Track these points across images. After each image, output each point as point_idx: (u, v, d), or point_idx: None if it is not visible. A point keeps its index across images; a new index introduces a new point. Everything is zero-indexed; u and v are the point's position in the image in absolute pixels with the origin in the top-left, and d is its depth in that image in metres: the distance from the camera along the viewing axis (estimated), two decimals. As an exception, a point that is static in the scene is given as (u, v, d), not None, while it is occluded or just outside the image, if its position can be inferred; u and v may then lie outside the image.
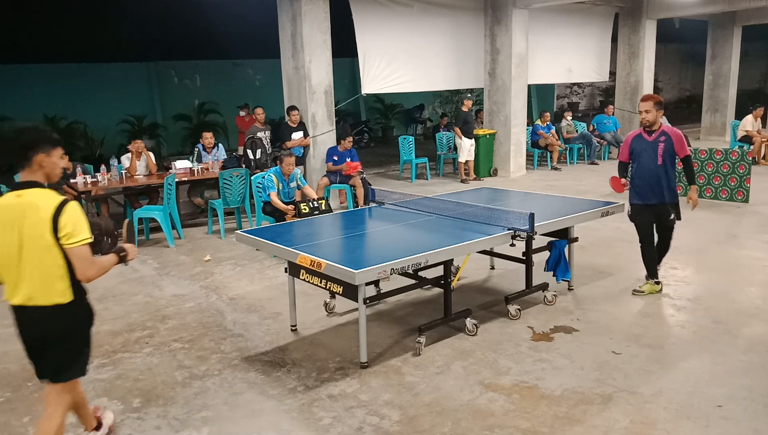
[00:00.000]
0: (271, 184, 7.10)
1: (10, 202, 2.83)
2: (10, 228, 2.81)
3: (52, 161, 2.89)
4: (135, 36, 15.05)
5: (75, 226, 2.81)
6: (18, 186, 2.85)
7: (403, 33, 11.05)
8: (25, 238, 2.80)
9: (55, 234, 2.79)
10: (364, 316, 4.18)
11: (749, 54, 20.32)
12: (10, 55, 14.11)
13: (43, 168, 2.87)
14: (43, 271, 2.84)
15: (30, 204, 2.80)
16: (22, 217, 2.80)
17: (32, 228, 2.79)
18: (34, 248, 2.81)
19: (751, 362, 4.19)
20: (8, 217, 2.82)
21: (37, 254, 2.82)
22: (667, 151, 5.24)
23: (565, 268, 5.41)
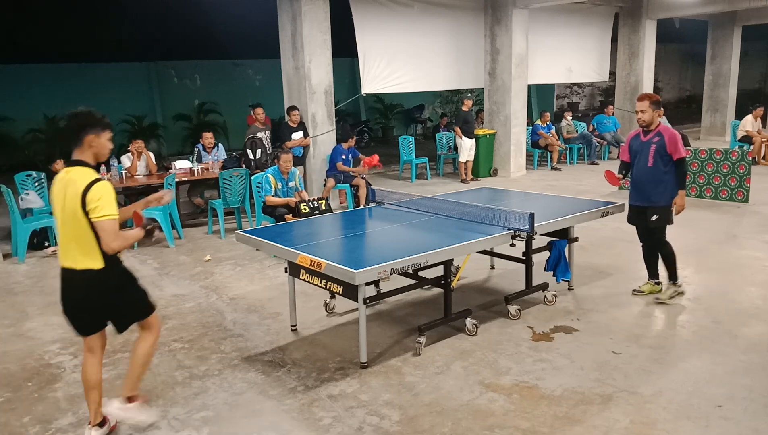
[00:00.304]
0: (267, 187, 7.08)
1: (62, 177, 3.25)
2: (58, 199, 3.25)
3: (101, 142, 3.28)
4: (135, 36, 15.06)
5: (100, 202, 3.12)
6: (69, 163, 3.27)
7: (403, 33, 11.05)
8: (66, 210, 3.21)
9: (83, 208, 3.13)
10: (364, 316, 4.18)
11: (749, 54, 20.32)
12: (10, 55, 14.11)
13: (92, 147, 3.26)
14: (77, 240, 3.22)
15: (71, 180, 3.19)
16: (65, 191, 3.20)
17: (70, 201, 3.18)
18: (70, 219, 3.20)
19: (751, 362, 4.19)
20: (59, 190, 3.25)
21: (72, 224, 3.20)
22: (658, 153, 5.10)
23: (565, 268, 5.41)
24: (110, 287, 3.36)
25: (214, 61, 17.59)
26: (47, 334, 5.07)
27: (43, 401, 3.99)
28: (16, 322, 5.38)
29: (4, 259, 7.33)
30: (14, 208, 7.30)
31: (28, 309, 5.70)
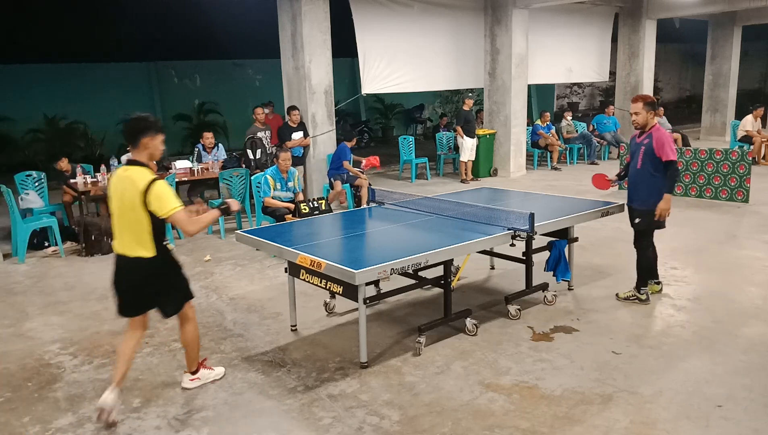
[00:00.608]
0: (266, 188, 7.08)
1: (120, 174, 3.66)
2: (116, 195, 3.64)
3: (155, 144, 3.68)
4: (135, 36, 15.06)
5: (161, 201, 3.52)
6: (127, 163, 3.68)
7: (403, 33, 11.05)
8: (124, 204, 3.59)
9: (144, 205, 3.51)
10: (364, 316, 4.18)
11: (749, 54, 20.32)
12: (10, 55, 14.11)
13: (147, 149, 3.65)
14: (132, 231, 3.60)
15: (129, 178, 3.56)
16: (123, 188, 3.59)
17: (128, 198, 3.56)
18: (127, 212, 3.58)
19: (751, 362, 4.19)
20: (118, 186, 3.64)
21: (129, 217, 3.58)
22: (647, 154, 5.06)
23: (565, 268, 5.41)
24: (158, 275, 3.70)
25: (214, 61, 17.59)
26: (47, 334, 5.07)
27: (43, 401, 3.99)
28: (16, 322, 5.37)
29: (4, 259, 7.33)
30: (14, 208, 7.30)
31: (28, 309, 5.69)
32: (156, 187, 3.51)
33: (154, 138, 3.68)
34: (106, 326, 5.19)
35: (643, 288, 5.28)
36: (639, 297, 5.27)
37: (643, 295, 5.27)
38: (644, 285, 5.29)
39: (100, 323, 5.27)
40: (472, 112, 11.90)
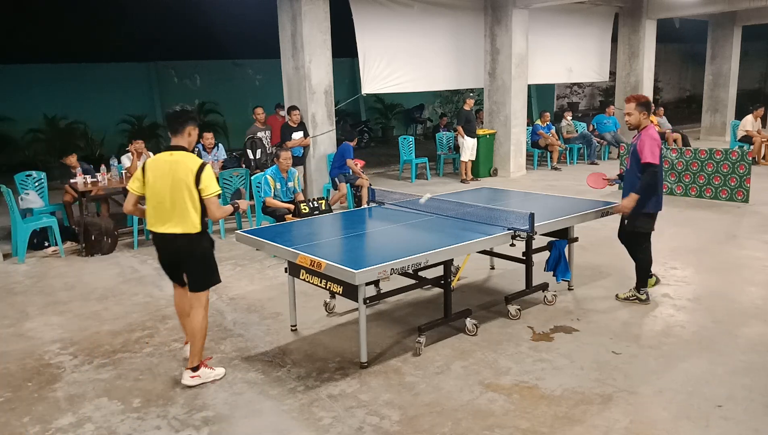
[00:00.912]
0: (267, 188, 7.07)
1: (166, 158, 3.98)
2: (165, 176, 3.93)
3: (195, 134, 4.11)
4: (135, 36, 15.06)
5: (210, 183, 3.93)
6: (170, 148, 4.02)
7: (403, 33, 11.04)
8: (174, 185, 3.90)
9: (196, 185, 3.89)
10: (364, 316, 4.18)
11: (749, 54, 20.32)
12: (10, 55, 14.10)
13: (190, 136, 4.06)
14: (183, 209, 3.92)
15: (179, 161, 3.93)
16: (173, 170, 3.91)
17: (181, 178, 3.89)
18: (178, 192, 3.91)
19: (751, 362, 4.19)
20: (164, 168, 3.94)
21: (180, 196, 3.91)
22: (633, 155, 5.06)
23: (565, 268, 5.41)
24: (200, 249, 4.07)
25: (214, 61, 17.58)
26: (47, 334, 5.07)
27: (43, 401, 3.99)
28: (16, 322, 5.38)
29: (4, 259, 7.33)
30: (14, 208, 7.31)
31: (28, 309, 5.69)
32: (207, 169, 3.95)
33: (195, 129, 4.11)
34: (106, 326, 5.19)
35: (642, 288, 5.28)
36: (639, 297, 5.27)
37: (643, 295, 5.27)
38: (644, 285, 5.29)
39: (100, 323, 5.28)
40: (473, 111, 11.90)
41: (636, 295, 5.29)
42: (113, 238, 7.60)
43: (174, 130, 4.04)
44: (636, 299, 5.28)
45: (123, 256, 7.38)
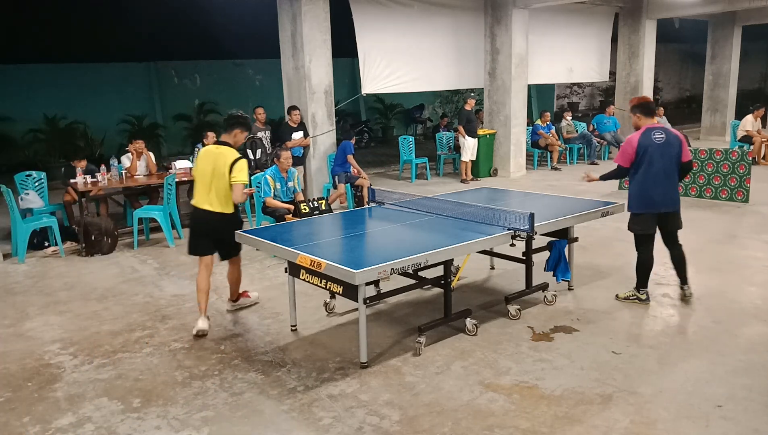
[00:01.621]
0: (267, 188, 7.07)
1: (212, 149, 4.97)
2: (209, 162, 4.88)
3: (240, 137, 5.04)
4: (135, 36, 15.04)
5: (239, 172, 4.81)
6: (218, 142, 5.03)
7: (403, 33, 11.05)
8: (215, 172, 4.83)
9: (230, 173, 4.79)
10: (364, 316, 4.18)
11: (749, 54, 20.31)
12: (11, 55, 14.10)
13: (235, 137, 5.00)
14: (221, 193, 4.86)
15: (222, 153, 4.88)
16: (216, 159, 4.86)
17: (220, 167, 4.82)
18: (218, 178, 4.83)
19: (751, 362, 4.19)
20: (210, 157, 4.91)
21: (219, 182, 4.84)
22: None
23: (565, 268, 5.41)
24: (232, 226, 4.96)
25: (214, 61, 17.57)
26: (47, 334, 5.07)
27: (43, 401, 3.99)
28: (16, 322, 5.37)
29: (4, 259, 7.33)
30: (14, 208, 7.30)
31: (28, 309, 5.69)
32: (240, 162, 4.83)
33: (242, 132, 5.04)
34: (106, 326, 5.19)
35: (642, 288, 5.28)
36: (639, 297, 5.28)
37: (643, 295, 5.27)
38: (644, 285, 5.29)
39: (100, 323, 5.28)
40: (473, 112, 11.90)
41: (636, 295, 5.30)
42: (113, 238, 7.60)
43: (225, 129, 5.01)
44: (636, 299, 5.29)
45: (123, 256, 7.38)
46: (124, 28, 14.63)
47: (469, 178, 11.81)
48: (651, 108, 5.19)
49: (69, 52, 14.84)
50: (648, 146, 4.99)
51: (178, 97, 17.29)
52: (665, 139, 5.01)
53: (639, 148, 5.01)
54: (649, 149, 4.99)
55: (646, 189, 5.05)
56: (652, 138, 5.01)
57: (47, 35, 14.10)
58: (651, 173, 5.01)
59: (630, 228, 5.23)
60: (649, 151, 4.98)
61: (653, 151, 4.98)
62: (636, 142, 5.03)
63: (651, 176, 5.01)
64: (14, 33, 13.84)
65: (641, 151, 5.01)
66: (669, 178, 5.03)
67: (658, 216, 5.10)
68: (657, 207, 5.07)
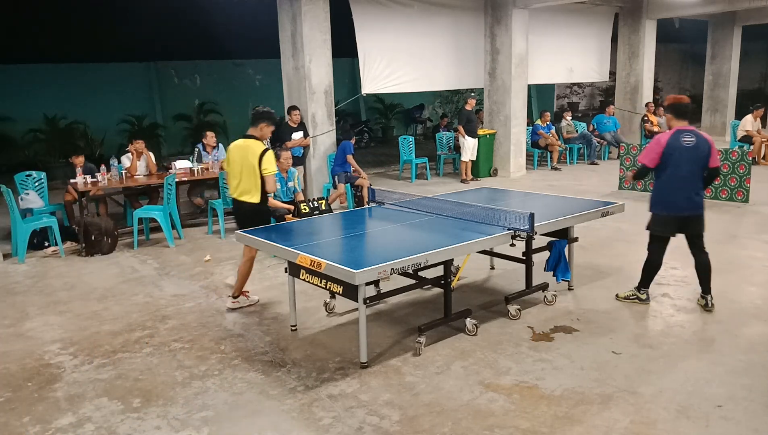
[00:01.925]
0: None
1: (240, 144, 5.32)
2: (239, 155, 5.27)
3: (266, 130, 5.35)
4: (135, 36, 15.03)
5: (269, 164, 5.19)
6: (245, 136, 5.32)
7: (403, 33, 11.04)
8: (244, 163, 5.22)
9: (259, 165, 5.16)
10: (364, 316, 4.18)
11: (749, 54, 20.31)
12: (11, 55, 14.09)
13: (261, 131, 5.32)
14: (248, 183, 5.26)
15: (249, 147, 5.23)
16: (244, 152, 5.24)
17: (248, 159, 5.19)
18: (247, 170, 5.22)
19: (751, 362, 4.19)
20: (239, 149, 5.29)
21: (248, 173, 5.22)
22: None
23: (565, 268, 5.41)
24: (259, 213, 5.35)
25: (214, 61, 17.57)
26: (47, 334, 5.07)
27: (43, 401, 3.99)
28: (16, 322, 5.38)
29: (4, 259, 7.33)
30: (14, 208, 7.30)
31: (28, 309, 5.70)
32: (268, 154, 5.19)
33: (268, 126, 5.34)
34: (106, 326, 5.19)
35: (643, 288, 5.27)
36: (639, 296, 5.27)
37: (644, 295, 5.26)
38: (645, 285, 5.27)
39: (100, 323, 5.28)
40: (474, 112, 11.90)
41: (636, 295, 5.29)
42: (113, 238, 7.60)
43: (252, 123, 5.31)
44: (636, 299, 5.28)
45: (123, 256, 7.38)
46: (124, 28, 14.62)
47: (469, 178, 11.81)
48: (683, 110, 5.01)
49: (69, 52, 14.83)
50: (676, 149, 4.86)
51: (178, 97, 17.29)
52: (694, 142, 4.85)
53: (666, 149, 4.88)
54: (676, 152, 4.86)
55: (670, 192, 4.95)
56: (680, 140, 4.86)
57: (47, 35, 14.10)
58: (676, 176, 4.89)
59: (648, 227, 5.16)
60: (676, 154, 4.86)
61: (681, 154, 4.85)
62: (664, 143, 4.89)
63: (676, 179, 4.90)
64: (14, 33, 13.83)
65: (669, 152, 4.87)
66: (694, 182, 4.91)
67: (679, 219, 5.00)
68: (679, 210, 4.96)
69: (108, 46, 15.07)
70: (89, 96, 15.65)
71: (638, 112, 14.62)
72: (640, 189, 10.14)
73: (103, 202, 8.65)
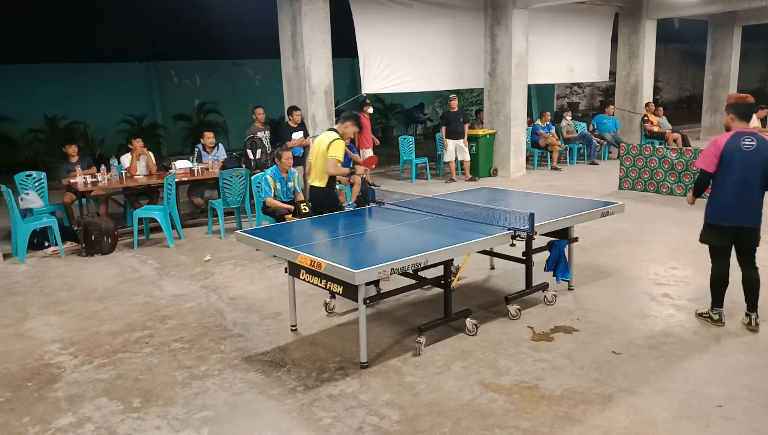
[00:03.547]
0: (267, 188, 7.07)
1: (320, 136, 6.04)
2: (316, 145, 6.01)
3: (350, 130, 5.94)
4: (135, 36, 15.03)
5: (335, 150, 5.73)
6: (329, 129, 6.04)
7: (403, 33, 11.04)
8: (318, 151, 5.90)
9: (327, 151, 5.73)
10: (364, 316, 4.18)
11: (749, 54, 20.31)
12: (11, 55, 14.10)
13: (345, 127, 5.90)
14: (319, 169, 5.91)
15: (325, 137, 5.88)
16: (320, 141, 5.93)
17: (321, 147, 5.85)
18: (319, 156, 5.88)
19: (751, 362, 4.19)
20: (318, 140, 6.01)
21: (320, 160, 5.87)
22: None
23: (565, 268, 5.40)
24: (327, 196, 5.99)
25: (214, 61, 17.57)
26: (47, 334, 5.07)
27: (43, 401, 3.99)
28: (16, 322, 5.38)
29: (4, 259, 7.33)
30: (14, 208, 7.30)
31: (28, 309, 5.70)
32: (336, 142, 5.72)
33: (352, 126, 5.91)
34: (106, 326, 5.19)
35: (716, 308, 4.82)
36: (711, 316, 4.83)
37: (716, 315, 4.80)
38: (718, 304, 4.81)
39: (100, 323, 5.28)
40: (458, 112, 11.82)
41: (709, 314, 4.86)
42: (113, 238, 7.60)
43: (341, 121, 5.94)
44: (708, 318, 4.86)
45: (123, 256, 7.38)
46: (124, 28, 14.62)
47: (467, 177, 11.79)
48: (747, 111, 4.65)
49: (69, 52, 14.83)
50: (736, 152, 4.49)
51: (178, 97, 17.29)
52: (755, 146, 4.48)
53: (725, 152, 4.52)
54: (736, 155, 4.49)
55: (724, 198, 4.59)
56: (740, 143, 4.50)
57: (47, 35, 14.10)
58: (731, 181, 4.53)
59: (701, 239, 4.81)
60: (736, 158, 4.49)
61: (740, 158, 4.48)
62: (722, 146, 4.54)
63: (731, 185, 4.54)
64: (14, 33, 13.83)
65: (728, 156, 4.52)
66: (750, 189, 4.52)
67: (733, 230, 4.62)
68: (733, 220, 4.59)
69: (108, 46, 15.07)
70: (89, 96, 15.65)
71: (638, 112, 14.62)
72: (639, 189, 10.14)
73: (104, 202, 8.65)
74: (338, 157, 5.68)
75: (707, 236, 4.79)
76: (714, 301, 4.84)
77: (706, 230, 4.79)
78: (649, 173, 10.05)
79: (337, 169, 5.76)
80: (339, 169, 5.80)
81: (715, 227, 4.69)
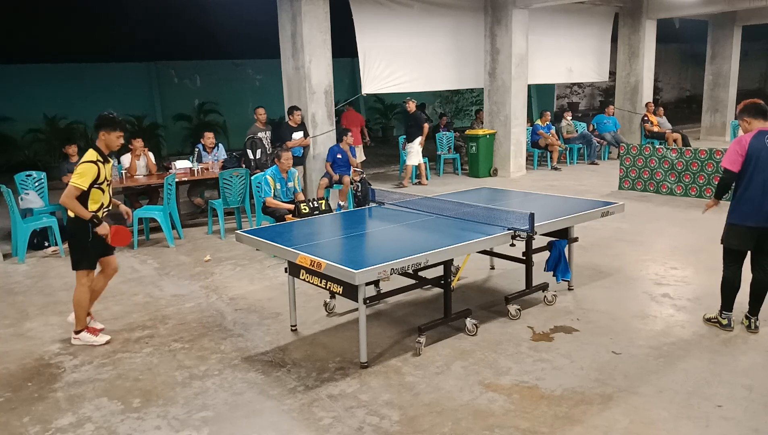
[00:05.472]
0: (267, 188, 7.08)
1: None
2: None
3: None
4: (135, 36, 15.06)
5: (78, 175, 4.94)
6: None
7: (403, 33, 11.04)
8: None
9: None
10: (364, 316, 4.18)
11: (749, 54, 20.31)
12: (10, 55, 14.10)
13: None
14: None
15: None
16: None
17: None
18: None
19: (751, 362, 4.19)
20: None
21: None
22: None
23: (565, 268, 5.40)
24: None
25: (214, 61, 17.57)
26: (47, 334, 5.07)
27: (43, 401, 3.99)
28: (16, 322, 5.38)
29: (4, 259, 7.33)
30: (14, 208, 7.31)
31: (28, 309, 5.69)
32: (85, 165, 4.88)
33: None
34: (106, 326, 5.18)
35: (725, 312, 4.75)
36: (720, 321, 4.77)
37: (725, 320, 4.73)
38: (727, 309, 4.74)
39: (100, 323, 5.27)
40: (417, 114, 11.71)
41: (718, 319, 4.79)
42: (113, 238, 7.59)
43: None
44: (717, 323, 4.79)
45: (123, 256, 7.38)
46: (124, 28, 14.64)
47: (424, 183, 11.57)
48: (762, 109, 4.54)
49: (69, 52, 14.84)
50: (761, 150, 4.42)
51: (178, 97, 17.29)
52: None
53: (750, 151, 4.43)
54: (762, 153, 4.41)
55: (750, 199, 4.48)
56: (765, 141, 4.42)
57: (47, 35, 14.10)
58: (757, 181, 4.44)
59: (724, 242, 4.70)
60: (762, 156, 4.42)
61: (765, 156, 4.41)
62: (747, 144, 4.45)
63: (756, 184, 4.44)
64: (14, 33, 13.84)
65: (753, 155, 4.43)
66: None
67: (758, 231, 4.50)
68: (758, 221, 4.48)
69: (108, 46, 15.08)
70: (89, 96, 15.64)
71: (638, 112, 14.62)
72: (639, 189, 10.14)
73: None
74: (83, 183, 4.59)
75: (731, 239, 4.66)
76: (724, 305, 4.76)
77: (729, 232, 4.65)
78: (649, 173, 10.05)
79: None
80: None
81: (741, 228, 4.57)
